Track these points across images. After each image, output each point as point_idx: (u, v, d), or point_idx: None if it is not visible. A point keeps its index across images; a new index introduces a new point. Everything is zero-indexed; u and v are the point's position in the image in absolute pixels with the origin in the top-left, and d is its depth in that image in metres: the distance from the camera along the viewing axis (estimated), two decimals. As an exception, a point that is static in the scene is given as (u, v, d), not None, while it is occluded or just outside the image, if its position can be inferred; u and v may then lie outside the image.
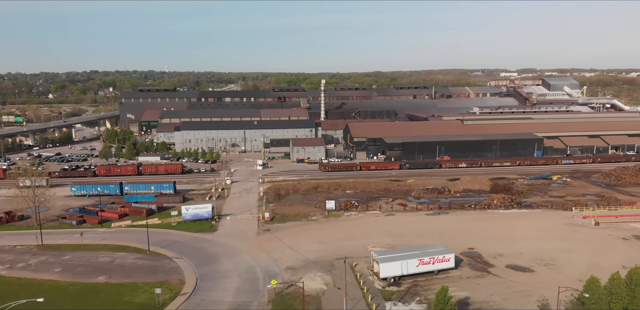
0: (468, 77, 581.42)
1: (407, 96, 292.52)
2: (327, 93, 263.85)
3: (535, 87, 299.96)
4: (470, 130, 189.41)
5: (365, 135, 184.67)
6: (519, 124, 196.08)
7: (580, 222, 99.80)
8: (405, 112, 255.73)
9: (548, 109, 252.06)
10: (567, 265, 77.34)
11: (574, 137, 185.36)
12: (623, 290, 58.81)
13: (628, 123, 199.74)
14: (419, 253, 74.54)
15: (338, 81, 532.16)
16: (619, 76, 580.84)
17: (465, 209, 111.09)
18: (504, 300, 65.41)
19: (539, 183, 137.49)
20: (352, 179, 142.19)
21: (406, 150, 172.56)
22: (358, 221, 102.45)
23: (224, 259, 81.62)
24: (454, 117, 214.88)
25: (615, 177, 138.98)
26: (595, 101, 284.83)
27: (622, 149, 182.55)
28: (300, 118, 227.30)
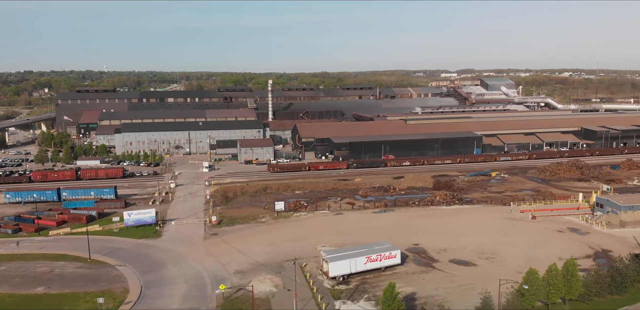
0: (410, 78, 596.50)
1: (353, 96, 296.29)
2: (274, 93, 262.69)
3: (474, 87, 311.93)
4: (413, 130, 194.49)
5: (313, 136, 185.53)
6: (459, 122, 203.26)
7: (518, 216, 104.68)
8: (351, 112, 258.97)
9: (486, 108, 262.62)
10: (507, 258, 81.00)
11: (510, 134, 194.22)
12: (560, 281, 62.40)
13: (561, 121, 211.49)
14: (367, 251, 75.83)
15: (285, 81, 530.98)
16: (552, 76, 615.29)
17: (410, 206, 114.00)
18: (448, 294, 67.72)
19: (478, 179, 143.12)
20: (301, 180, 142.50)
21: (353, 149, 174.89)
22: (307, 221, 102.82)
23: (170, 265, 79.63)
24: (397, 117, 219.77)
25: (550, 173, 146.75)
26: (531, 100, 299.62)
27: (556, 145, 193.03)
28: (247, 119, 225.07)
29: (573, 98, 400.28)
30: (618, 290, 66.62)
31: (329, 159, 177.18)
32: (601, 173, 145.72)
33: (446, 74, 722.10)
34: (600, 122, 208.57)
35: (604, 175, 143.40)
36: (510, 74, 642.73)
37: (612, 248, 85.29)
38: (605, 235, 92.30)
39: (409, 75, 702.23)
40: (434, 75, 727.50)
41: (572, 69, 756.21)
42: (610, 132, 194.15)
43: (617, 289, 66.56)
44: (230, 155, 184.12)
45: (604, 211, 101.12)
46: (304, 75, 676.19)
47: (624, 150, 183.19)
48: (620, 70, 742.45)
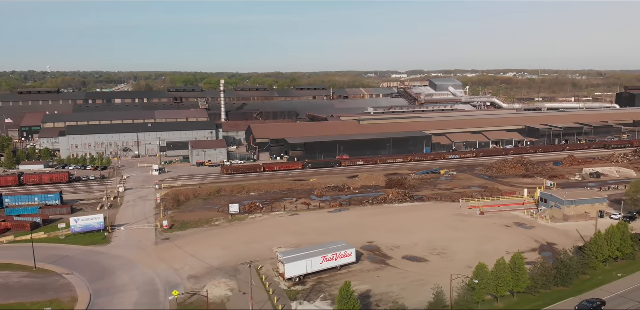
0: (363, 79, 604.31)
1: (307, 97, 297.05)
2: (227, 93, 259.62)
3: (423, 87, 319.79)
4: (366, 130, 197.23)
5: (268, 136, 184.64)
6: (410, 122, 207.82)
7: (467, 213, 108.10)
8: (306, 113, 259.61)
9: (435, 108, 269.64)
10: (457, 253, 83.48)
11: (458, 133, 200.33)
12: (508, 275, 64.80)
13: (506, 119, 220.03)
14: (323, 250, 76.25)
15: (238, 81, 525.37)
16: (498, 76, 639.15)
17: (364, 205, 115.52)
18: (402, 290, 69.11)
19: (429, 177, 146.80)
20: (257, 181, 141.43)
21: (308, 150, 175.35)
22: (263, 223, 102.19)
23: (120, 272, 77.16)
24: (351, 118, 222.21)
25: (496, 170, 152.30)
26: (477, 100, 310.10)
27: (501, 143, 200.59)
28: (199, 119, 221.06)
29: (517, 97, 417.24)
30: (563, 282, 69.77)
31: (284, 159, 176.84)
32: (545, 169, 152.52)
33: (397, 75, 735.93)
34: (543, 120, 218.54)
35: (548, 172, 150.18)
36: (457, 74, 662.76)
37: (557, 241, 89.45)
38: (549, 229, 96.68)
39: (361, 76, 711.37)
40: (385, 76, 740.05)
41: (516, 70, 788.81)
42: (552, 130, 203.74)
43: (562, 281, 69.70)
44: (182, 157, 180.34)
45: (548, 206, 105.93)
46: (257, 75, 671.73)
47: (566, 147, 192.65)
48: (561, 71, 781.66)
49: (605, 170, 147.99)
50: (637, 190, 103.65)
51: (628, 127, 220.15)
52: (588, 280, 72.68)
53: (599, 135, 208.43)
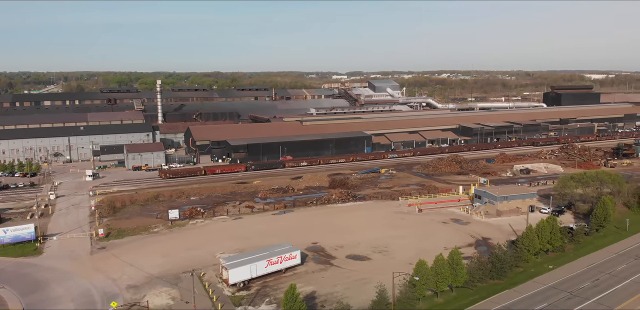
0: (304, 80, 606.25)
1: (248, 98, 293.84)
2: (164, 94, 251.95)
3: (363, 88, 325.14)
4: (309, 131, 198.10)
5: (208, 138, 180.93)
6: (351, 123, 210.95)
7: (407, 210, 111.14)
8: (248, 114, 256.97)
9: (374, 108, 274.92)
10: (398, 250, 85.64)
11: (397, 133, 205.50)
12: (447, 270, 67.25)
13: (441, 119, 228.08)
14: (267, 254, 75.89)
15: (175, 81, 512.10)
16: (432, 77, 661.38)
17: (308, 206, 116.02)
18: (346, 289, 70.08)
19: (370, 176, 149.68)
20: (197, 185, 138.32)
21: (251, 151, 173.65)
22: (205, 228, 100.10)
23: (54, 284, 73.13)
24: (293, 118, 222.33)
25: (432, 168, 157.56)
26: (414, 100, 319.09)
27: (437, 142, 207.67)
28: (134, 122, 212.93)
29: (451, 98, 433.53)
30: (498, 275, 73.29)
31: (226, 162, 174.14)
32: (478, 166, 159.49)
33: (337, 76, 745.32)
34: (475, 119, 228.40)
35: (481, 169, 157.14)
36: (395, 75, 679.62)
37: (491, 236, 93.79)
38: (484, 224, 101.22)
39: (303, 77, 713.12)
40: (326, 77, 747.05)
41: (449, 71, 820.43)
42: (484, 129, 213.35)
43: (497, 274, 73.20)
44: (117, 161, 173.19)
45: (482, 202, 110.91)
46: (195, 74, 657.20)
47: (497, 145, 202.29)
48: (492, 71, 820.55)
49: (534, 167, 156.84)
50: (564, 185, 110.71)
51: (555, 125, 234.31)
52: (521, 272, 76.69)
53: (527, 133, 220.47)
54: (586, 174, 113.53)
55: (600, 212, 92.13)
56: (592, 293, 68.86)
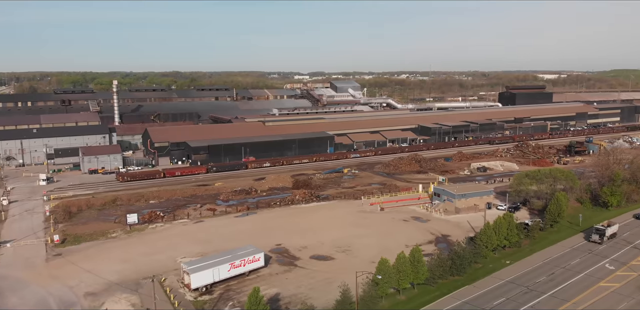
0: (266, 80, 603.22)
1: (209, 98, 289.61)
2: (120, 94, 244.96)
3: (325, 89, 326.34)
4: (272, 131, 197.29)
5: (167, 140, 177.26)
6: (314, 123, 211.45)
7: (369, 209, 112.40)
8: (208, 114, 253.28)
9: (336, 109, 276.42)
10: (361, 249, 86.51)
11: (359, 133, 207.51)
12: (408, 268, 68.46)
13: (401, 119, 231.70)
14: (230, 257, 75.15)
15: (132, 81, 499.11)
16: (392, 78, 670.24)
17: (272, 207, 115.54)
18: (310, 290, 70.27)
19: (333, 176, 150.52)
20: (156, 188, 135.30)
21: (212, 153, 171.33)
22: (165, 233, 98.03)
23: (8, 293, 70.08)
24: (256, 119, 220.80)
25: (393, 167, 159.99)
26: (374, 101, 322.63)
27: (397, 142, 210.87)
28: (90, 123, 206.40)
29: (410, 98, 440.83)
30: (458, 271, 75.17)
31: (186, 164, 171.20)
32: (437, 165, 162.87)
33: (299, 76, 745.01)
34: (434, 119, 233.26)
35: (439, 167, 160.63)
36: (356, 76, 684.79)
37: (451, 233, 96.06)
38: (443, 222, 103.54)
39: (265, 77, 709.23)
40: (288, 77, 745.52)
41: (408, 71, 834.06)
42: (442, 128, 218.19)
43: (457, 271, 75.07)
44: (72, 165, 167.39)
45: (441, 200, 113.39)
46: (153, 74, 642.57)
47: (455, 144, 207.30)
48: (449, 72, 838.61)
49: (491, 165, 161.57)
50: (519, 182, 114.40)
51: (510, 123, 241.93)
52: (480, 268, 78.87)
53: (484, 132, 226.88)
54: (540, 171, 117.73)
55: (554, 208, 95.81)
56: (548, 287, 71.56)
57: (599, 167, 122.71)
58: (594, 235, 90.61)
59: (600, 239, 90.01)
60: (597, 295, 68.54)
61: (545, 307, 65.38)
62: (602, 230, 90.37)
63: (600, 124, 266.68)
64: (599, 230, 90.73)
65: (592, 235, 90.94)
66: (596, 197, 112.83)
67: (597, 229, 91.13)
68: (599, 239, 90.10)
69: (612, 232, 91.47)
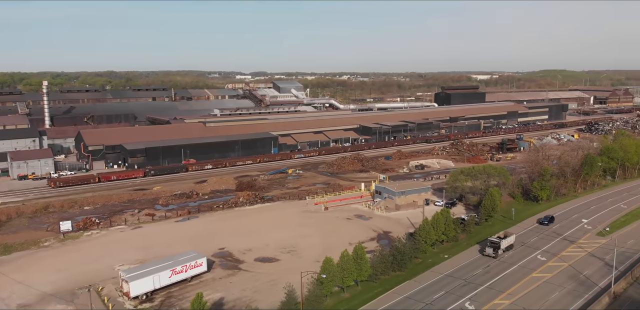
0: (206, 79, 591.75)
1: (146, 98, 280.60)
2: (51, 96, 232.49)
3: (268, 89, 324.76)
4: (213, 132, 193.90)
5: (102, 143, 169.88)
6: (257, 124, 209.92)
7: (314, 209, 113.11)
8: (145, 116, 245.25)
9: (280, 109, 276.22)
10: (306, 249, 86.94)
11: (302, 134, 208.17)
12: (352, 265, 69.43)
13: (343, 119, 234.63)
14: (171, 263, 73.27)
15: (64, 82, 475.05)
16: (334, 79, 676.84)
17: (214, 210, 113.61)
18: (255, 293, 69.80)
19: (277, 177, 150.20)
20: (91, 193, 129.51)
21: (150, 155, 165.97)
22: (101, 240, 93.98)
23: None
24: (196, 120, 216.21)
25: (337, 166, 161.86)
26: (317, 101, 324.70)
27: (340, 141, 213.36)
28: (18, 126, 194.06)
29: (352, 98, 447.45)
30: (399, 267, 77.16)
31: (123, 167, 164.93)
32: (378, 164, 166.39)
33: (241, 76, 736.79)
34: (374, 119, 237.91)
35: (380, 166, 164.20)
36: (298, 77, 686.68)
37: (392, 229, 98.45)
38: (385, 219, 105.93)
39: (205, 77, 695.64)
40: (230, 77, 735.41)
41: (350, 73, 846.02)
42: (382, 128, 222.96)
43: (398, 266, 77.03)
44: (0, 171, 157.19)
45: (382, 197, 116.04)
46: (86, 74, 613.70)
47: (394, 143, 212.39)
48: (388, 73, 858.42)
49: (428, 162, 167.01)
50: (455, 179, 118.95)
51: (445, 123, 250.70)
52: (420, 263, 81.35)
53: (421, 131, 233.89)
54: (474, 168, 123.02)
55: (488, 203, 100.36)
56: (485, 279, 74.82)
57: (529, 163, 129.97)
58: (488, 248, 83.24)
59: (495, 252, 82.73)
60: (531, 285, 72.30)
61: (482, 298, 68.30)
62: (497, 243, 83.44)
63: (529, 122, 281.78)
64: (494, 243, 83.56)
65: (486, 248, 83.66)
66: (527, 191, 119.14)
67: (491, 242, 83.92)
68: (492, 252, 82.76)
69: (508, 244, 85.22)
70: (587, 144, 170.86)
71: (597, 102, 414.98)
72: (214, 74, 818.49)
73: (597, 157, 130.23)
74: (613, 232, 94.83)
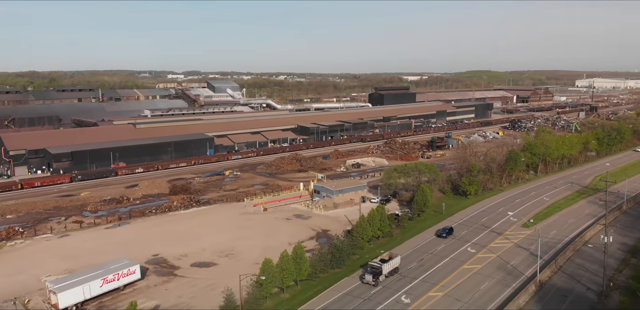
0: (136, 79, 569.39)
1: (71, 99, 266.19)
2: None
3: (202, 89, 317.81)
4: (144, 134, 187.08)
5: (24, 147, 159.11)
6: (191, 125, 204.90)
7: (252, 210, 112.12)
8: (71, 118, 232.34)
9: (215, 109, 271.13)
10: (244, 252, 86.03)
11: (239, 134, 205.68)
12: (291, 265, 69.51)
13: (281, 120, 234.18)
14: (102, 272, 70.12)
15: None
16: (271, 79, 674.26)
17: (147, 215, 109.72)
18: (192, 299, 68.19)
19: (214, 179, 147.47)
20: (13, 201, 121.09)
21: (76, 160, 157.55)
22: (26, 250, 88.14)
23: None
24: (125, 121, 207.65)
25: (275, 167, 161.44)
26: (254, 101, 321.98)
27: (278, 142, 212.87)
28: None
29: (289, 99, 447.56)
30: (338, 264, 78.19)
31: (47, 173, 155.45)
32: (316, 163, 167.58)
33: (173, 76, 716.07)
34: (311, 119, 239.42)
35: (318, 165, 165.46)
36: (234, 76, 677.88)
37: (330, 227, 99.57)
38: (323, 217, 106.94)
39: (134, 76, 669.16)
40: (161, 77, 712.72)
41: (286, 73, 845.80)
42: (320, 128, 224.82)
43: (337, 264, 78.04)
44: None
45: (320, 196, 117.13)
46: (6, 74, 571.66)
47: (332, 143, 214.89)
48: (324, 74, 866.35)
49: (364, 161, 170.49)
50: (389, 176, 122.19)
51: (379, 122, 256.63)
52: (357, 259, 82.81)
53: (357, 130, 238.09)
54: (407, 165, 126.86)
55: (420, 198, 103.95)
56: (419, 272, 77.35)
57: (457, 160, 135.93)
58: (368, 275, 71.78)
59: (375, 279, 71.43)
60: (462, 277, 75.54)
61: (417, 292, 70.57)
62: (378, 268, 71.77)
63: (457, 120, 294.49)
64: (374, 268, 71.96)
65: (366, 275, 72.09)
66: (456, 187, 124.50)
67: (371, 267, 72.38)
68: (372, 280, 71.18)
69: (393, 268, 75.03)
70: (511, 140, 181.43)
71: (520, 101, 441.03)
72: (144, 74, 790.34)
73: (520, 153, 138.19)
74: (537, 224, 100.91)
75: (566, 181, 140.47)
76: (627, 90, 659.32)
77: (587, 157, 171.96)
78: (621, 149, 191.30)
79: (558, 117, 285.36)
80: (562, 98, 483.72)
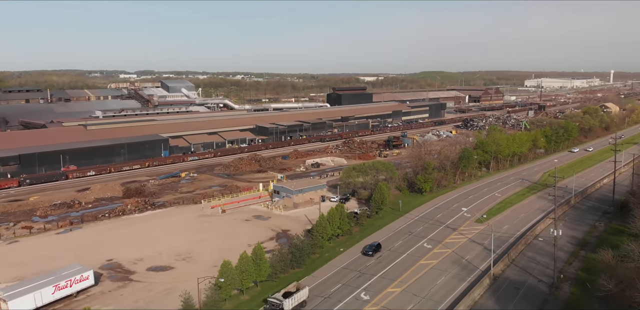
0: (86, 79, 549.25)
1: (18, 100, 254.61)
2: None
3: (156, 89, 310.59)
4: (96, 136, 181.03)
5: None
6: (144, 126, 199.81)
7: (210, 212, 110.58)
8: (18, 120, 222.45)
9: (170, 110, 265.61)
10: (203, 254, 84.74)
11: (196, 135, 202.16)
12: (251, 266, 68.98)
13: (239, 120, 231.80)
14: (53, 279, 67.51)
15: None
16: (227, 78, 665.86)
17: (100, 220, 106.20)
18: (149, 303, 66.61)
19: (169, 181, 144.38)
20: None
21: (24, 163, 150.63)
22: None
23: None
24: (76, 122, 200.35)
25: (234, 168, 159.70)
26: (210, 101, 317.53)
27: (236, 142, 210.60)
28: None
29: (247, 99, 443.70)
30: (298, 264, 78.19)
31: None
32: (275, 164, 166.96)
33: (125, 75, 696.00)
34: (270, 119, 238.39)
35: (278, 165, 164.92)
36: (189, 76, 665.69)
37: (290, 227, 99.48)
38: (283, 217, 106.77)
39: (84, 76, 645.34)
40: (112, 76, 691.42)
41: (243, 72, 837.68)
42: (279, 128, 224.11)
43: (297, 263, 78.03)
44: None
45: (280, 196, 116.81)
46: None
47: (291, 143, 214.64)
48: (282, 74, 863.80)
49: (323, 160, 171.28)
50: (348, 175, 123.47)
51: (337, 122, 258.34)
52: (317, 258, 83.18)
53: (315, 130, 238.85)
54: (365, 164, 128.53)
55: (378, 196, 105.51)
56: (378, 269, 78.41)
57: (413, 158, 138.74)
58: None
59: None
60: (419, 272, 77.11)
61: (376, 288, 71.60)
62: (278, 305, 61.92)
63: (412, 120, 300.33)
64: (274, 305, 62.48)
65: None
66: (412, 184, 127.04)
67: (271, 304, 62.94)
68: None
69: (299, 302, 64.49)
70: (463, 139, 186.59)
71: (472, 101, 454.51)
72: (95, 73, 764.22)
73: (473, 151, 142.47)
74: (490, 219, 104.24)
75: (517, 177, 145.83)
76: (574, 90, 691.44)
77: (536, 154, 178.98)
78: (568, 146, 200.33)
79: (508, 116, 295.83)
80: (512, 97, 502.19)
